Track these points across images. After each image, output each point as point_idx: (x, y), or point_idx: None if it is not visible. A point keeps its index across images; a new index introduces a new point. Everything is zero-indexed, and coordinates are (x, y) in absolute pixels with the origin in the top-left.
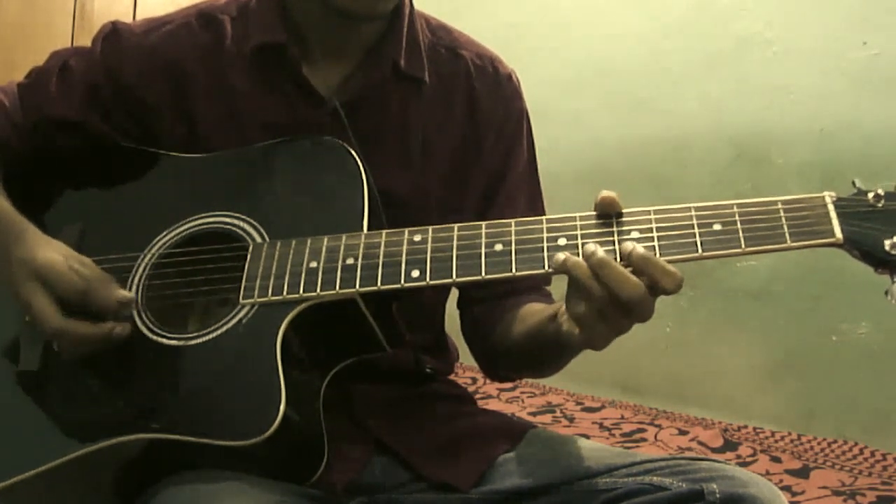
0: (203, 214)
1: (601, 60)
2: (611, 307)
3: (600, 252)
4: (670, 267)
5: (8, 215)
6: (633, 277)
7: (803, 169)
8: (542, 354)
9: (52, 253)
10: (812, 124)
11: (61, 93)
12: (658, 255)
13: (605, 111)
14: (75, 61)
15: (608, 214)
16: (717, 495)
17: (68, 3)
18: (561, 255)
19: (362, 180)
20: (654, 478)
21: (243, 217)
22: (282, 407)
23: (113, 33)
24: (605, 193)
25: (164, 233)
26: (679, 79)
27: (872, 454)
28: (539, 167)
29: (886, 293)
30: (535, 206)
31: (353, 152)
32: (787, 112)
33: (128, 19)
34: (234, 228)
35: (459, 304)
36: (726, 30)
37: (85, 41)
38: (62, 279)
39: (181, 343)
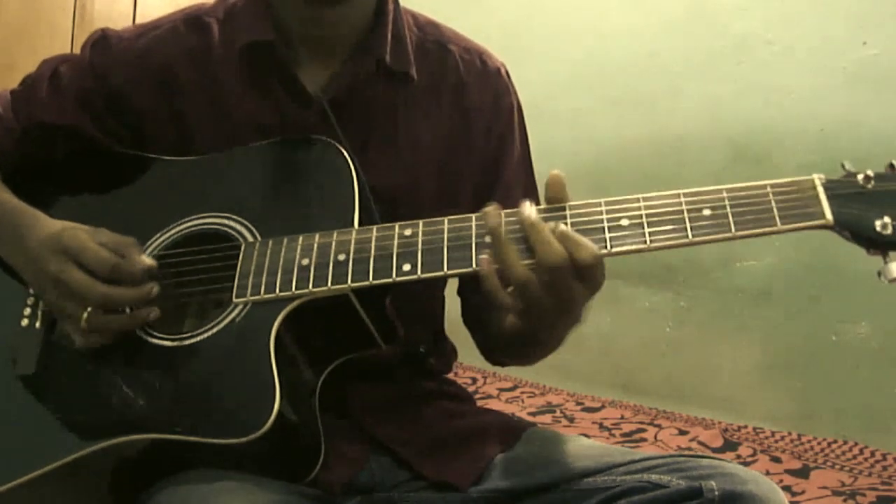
0: (195, 216)
1: (599, 60)
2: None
3: (534, 214)
4: (584, 239)
5: (16, 206)
6: (556, 243)
7: (802, 169)
8: (523, 342)
9: (75, 228)
10: (812, 124)
11: (52, 99)
12: (648, 241)
13: (604, 110)
14: (65, 68)
15: (598, 203)
16: (716, 493)
17: (68, 3)
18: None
19: (353, 177)
20: (653, 475)
21: (235, 217)
22: (276, 404)
23: (102, 39)
24: (555, 173)
25: (157, 235)
26: (678, 78)
27: (872, 454)
28: (536, 166)
29: (879, 274)
30: (531, 199)
31: (342, 150)
32: (786, 112)
33: (128, 19)
34: (226, 229)
35: (459, 292)
36: (726, 30)
37: None
38: (90, 253)
39: (176, 343)
